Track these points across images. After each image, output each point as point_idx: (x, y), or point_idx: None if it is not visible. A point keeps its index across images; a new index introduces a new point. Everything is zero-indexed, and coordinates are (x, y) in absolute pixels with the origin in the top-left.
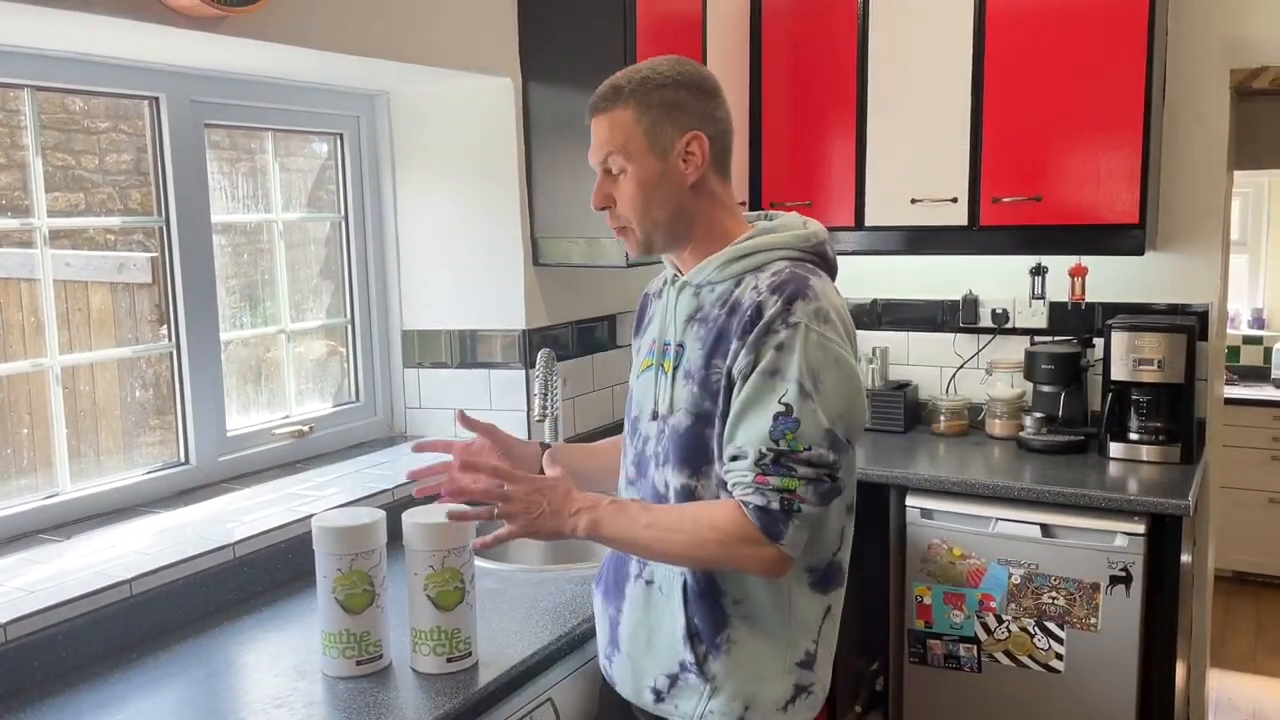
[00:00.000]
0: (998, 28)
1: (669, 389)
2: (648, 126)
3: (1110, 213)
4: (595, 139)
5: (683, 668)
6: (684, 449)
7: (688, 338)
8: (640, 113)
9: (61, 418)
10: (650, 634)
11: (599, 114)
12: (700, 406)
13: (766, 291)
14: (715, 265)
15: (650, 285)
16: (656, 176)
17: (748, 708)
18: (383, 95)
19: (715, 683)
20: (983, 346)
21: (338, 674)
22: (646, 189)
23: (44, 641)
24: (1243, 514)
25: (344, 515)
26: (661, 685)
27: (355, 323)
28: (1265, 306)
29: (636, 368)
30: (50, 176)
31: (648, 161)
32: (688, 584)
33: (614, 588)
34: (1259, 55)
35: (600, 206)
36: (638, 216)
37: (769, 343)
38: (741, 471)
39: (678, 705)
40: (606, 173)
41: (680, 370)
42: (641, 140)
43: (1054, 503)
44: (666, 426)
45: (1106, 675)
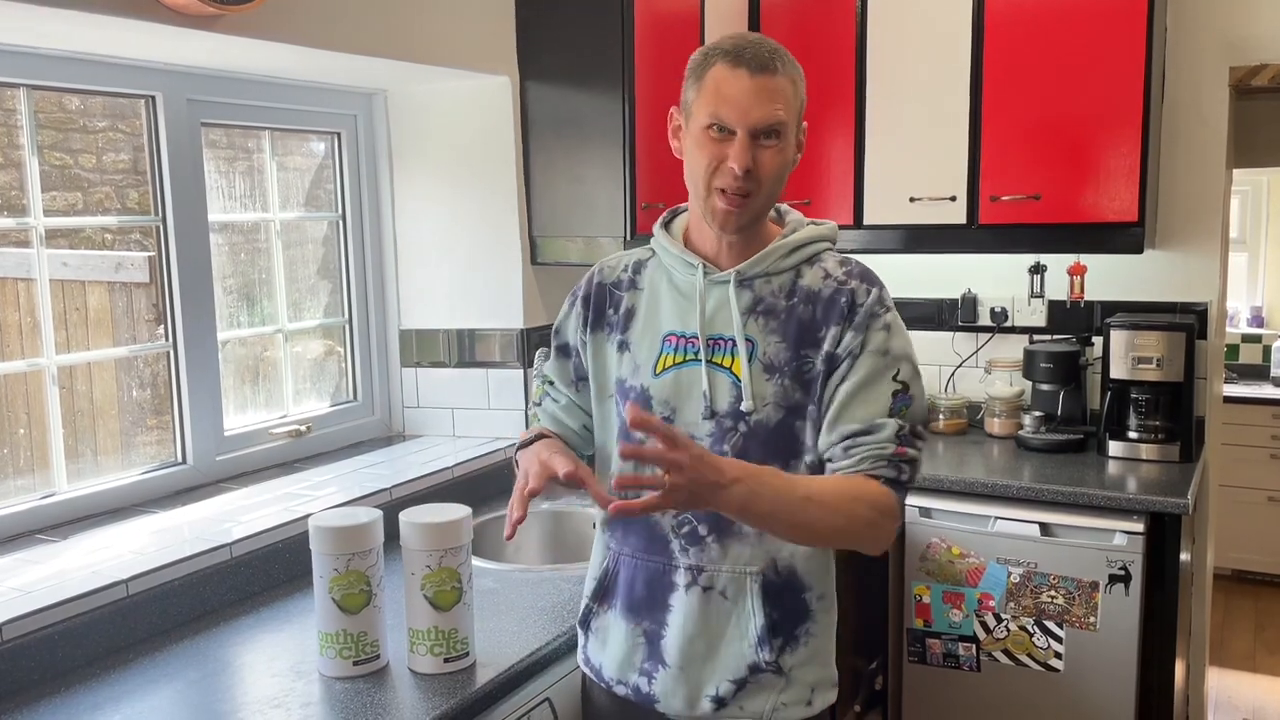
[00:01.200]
0: (997, 25)
1: (742, 385)
2: (799, 105)
3: (1109, 211)
4: (759, 98)
5: (753, 670)
6: (773, 444)
7: (753, 331)
8: (799, 87)
9: (58, 417)
10: (711, 642)
11: (768, 74)
12: (792, 399)
13: (852, 280)
14: (777, 256)
15: (600, 275)
16: (793, 153)
17: (814, 691)
18: (380, 94)
19: (790, 675)
20: (981, 345)
21: (335, 674)
22: (786, 163)
23: (41, 642)
24: (1242, 512)
25: (341, 515)
26: (725, 691)
27: (353, 322)
28: (1264, 305)
29: (643, 365)
30: (47, 176)
31: (792, 139)
32: (767, 581)
33: (649, 603)
34: (1258, 53)
35: (747, 168)
36: (769, 187)
37: (875, 324)
38: (880, 444)
39: (744, 706)
40: (754, 137)
41: (757, 364)
42: (795, 116)
43: (1053, 501)
44: (744, 423)
45: (1105, 674)
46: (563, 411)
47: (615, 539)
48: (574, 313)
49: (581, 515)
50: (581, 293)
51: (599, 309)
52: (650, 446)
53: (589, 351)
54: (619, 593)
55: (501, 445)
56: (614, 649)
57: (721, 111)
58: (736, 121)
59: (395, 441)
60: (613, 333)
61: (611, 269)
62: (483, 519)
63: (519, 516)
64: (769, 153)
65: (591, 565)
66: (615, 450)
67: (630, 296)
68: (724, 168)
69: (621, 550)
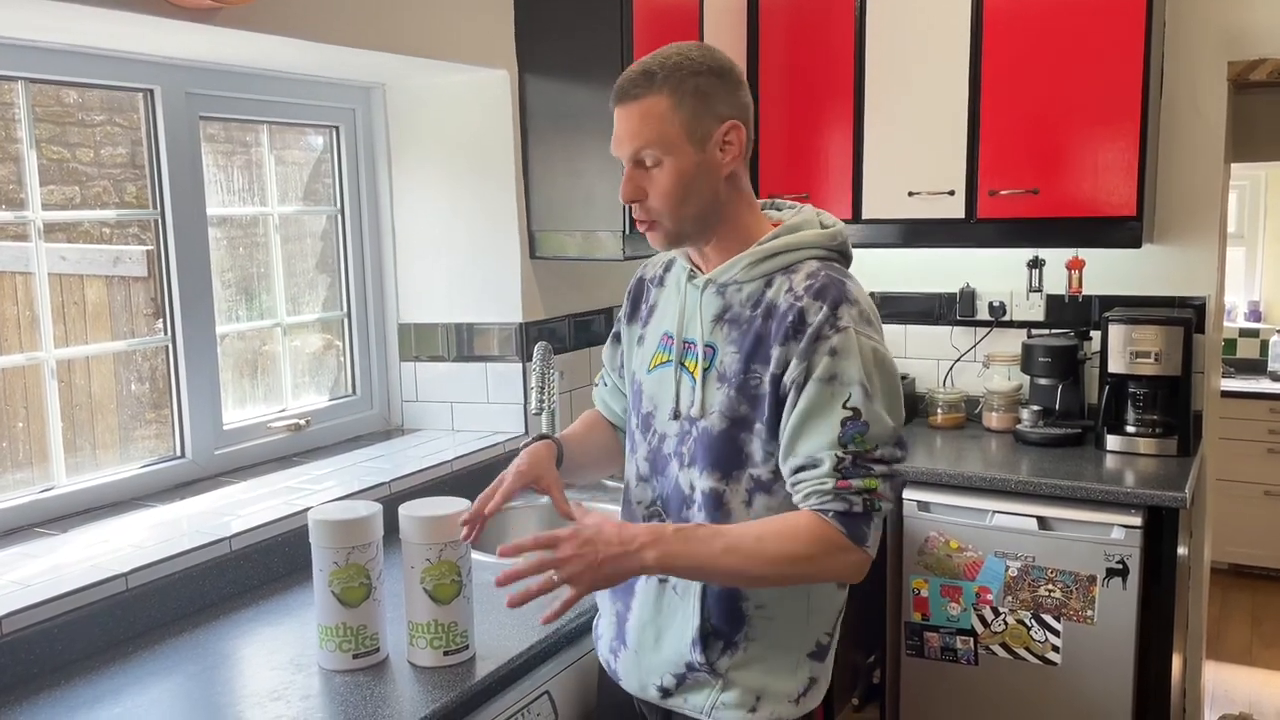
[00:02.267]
0: (995, 20)
1: (698, 391)
2: (686, 116)
3: (1107, 205)
4: (625, 129)
5: (690, 668)
6: (715, 453)
7: (718, 339)
8: (677, 100)
9: (57, 411)
10: (659, 632)
11: (630, 101)
12: (736, 411)
13: (807, 296)
14: (743, 265)
15: (645, 269)
16: (694, 168)
17: (759, 698)
18: (378, 88)
19: (727, 678)
20: (980, 339)
21: (334, 667)
22: (684, 181)
23: (39, 635)
24: (1239, 506)
25: (340, 508)
26: (669, 684)
27: (351, 316)
28: (1262, 299)
29: (645, 361)
30: (45, 170)
31: (686, 152)
32: (707, 586)
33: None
34: (1257, 47)
35: (632, 199)
36: (671, 210)
37: (820, 349)
38: (819, 479)
39: (686, 699)
40: (638, 165)
41: (713, 373)
42: (679, 130)
43: (1051, 495)
44: (695, 428)
45: (1103, 667)
46: (609, 395)
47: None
48: (624, 303)
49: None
50: (630, 285)
51: (635, 302)
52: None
53: (625, 341)
54: None
55: (500, 439)
56: (603, 625)
57: (612, 149)
58: (618, 154)
59: (394, 435)
60: (640, 326)
61: (653, 265)
62: None
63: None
64: (655, 175)
65: None
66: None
67: (657, 293)
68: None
69: None
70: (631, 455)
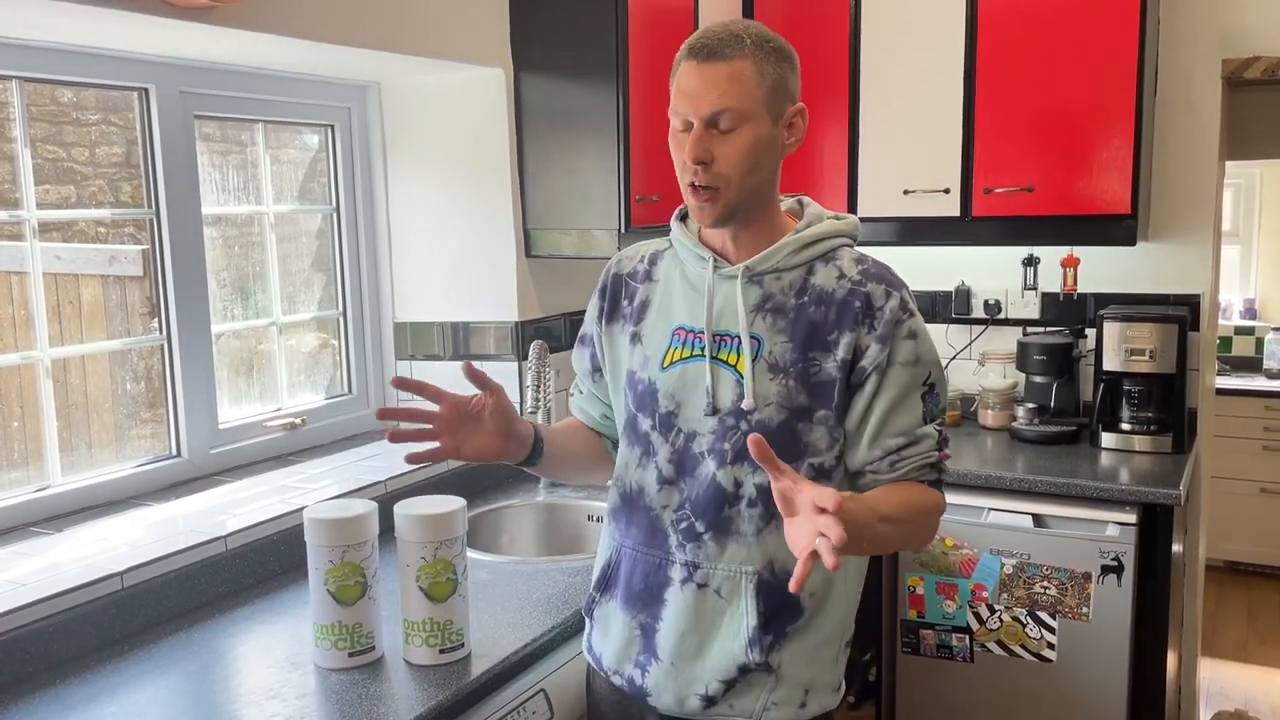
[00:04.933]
0: (990, 18)
1: (745, 383)
2: (770, 86)
3: (1102, 203)
4: (707, 86)
5: (743, 670)
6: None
7: (762, 329)
8: (764, 69)
9: (52, 410)
10: (702, 640)
11: (718, 60)
12: (796, 400)
13: (870, 282)
14: (787, 252)
15: (619, 266)
16: (767, 140)
17: (808, 692)
18: (374, 86)
19: (779, 672)
20: (975, 337)
21: (330, 665)
22: (757, 150)
23: (35, 634)
24: (1234, 504)
25: (336, 507)
26: (715, 691)
27: (347, 315)
28: (1257, 297)
29: (652, 359)
30: (40, 169)
31: (764, 122)
32: (762, 580)
33: (645, 596)
34: (1251, 45)
35: (701, 160)
36: (739, 178)
37: (900, 332)
38: (925, 454)
39: (733, 705)
40: (711, 126)
41: (762, 364)
42: (762, 98)
43: (1046, 493)
44: (744, 422)
45: (1098, 665)
46: (584, 401)
47: (619, 531)
48: (593, 304)
49: (576, 508)
50: (599, 284)
51: (614, 300)
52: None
53: (604, 343)
54: (619, 584)
55: None
56: (613, 639)
57: (680, 106)
58: (689, 112)
59: None
60: (626, 324)
61: (629, 260)
62: (478, 511)
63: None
64: (730, 141)
65: (597, 555)
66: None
67: (645, 288)
68: (687, 164)
69: (624, 542)
70: (645, 460)
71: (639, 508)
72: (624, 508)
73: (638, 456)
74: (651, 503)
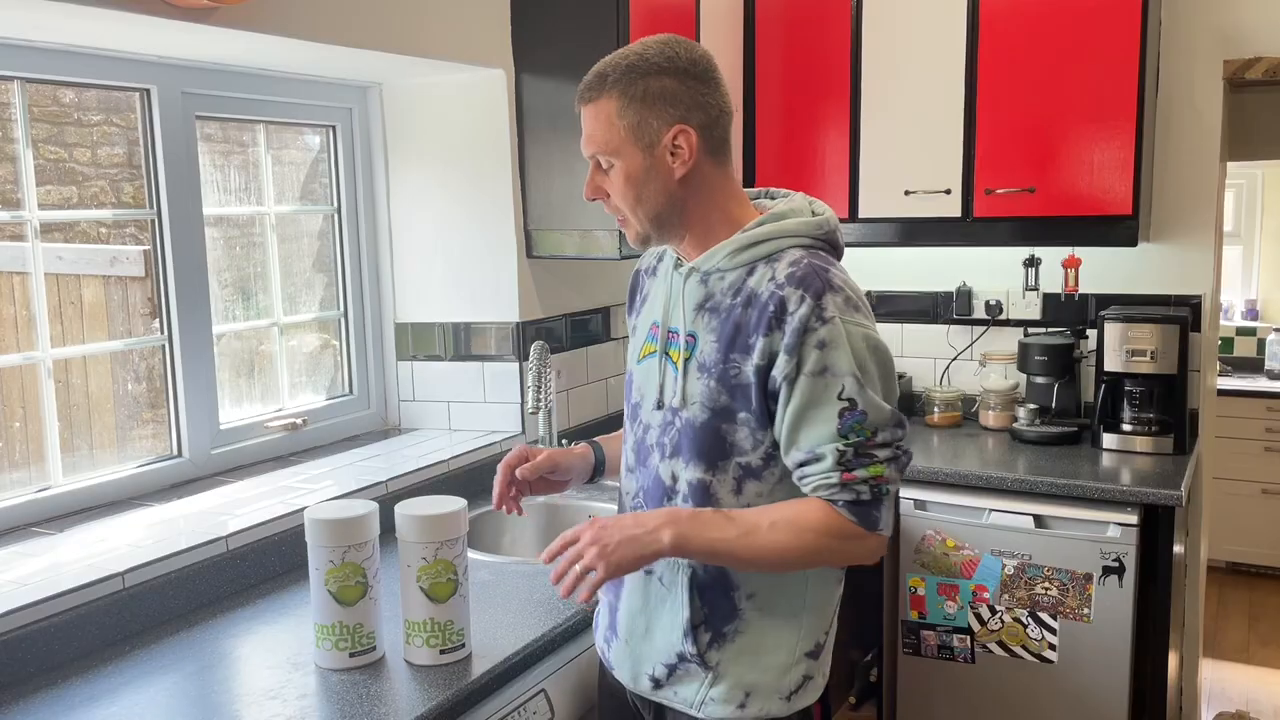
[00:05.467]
0: (991, 19)
1: (679, 380)
2: (631, 120)
3: (1104, 204)
4: (584, 130)
5: (681, 659)
6: (700, 443)
7: (699, 328)
8: (624, 104)
9: (54, 411)
10: (649, 623)
11: (584, 104)
12: (717, 401)
13: (789, 285)
14: (725, 253)
15: (642, 261)
16: (643, 171)
17: (749, 694)
18: (375, 87)
19: (717, 670)
20: (976, 338)
21: (331, 666)
22: (634, 183)
23: (36, 634)
24: (1236, 505)
25: (337, 507)
26: (660, 674)
27: (348, 315)
28: (1258, 298)
29: (635, 351)
30: (42, 170)
31: (634, 155)
32: (696, 576)
33: None
34: (1252, 46)
35: (591, 198)
36: (630, 209)
37: (809, 342)
38: (824, 474)
39: (677, 692)
40: (597, 165)
41: (694, 363)
42: (625, 134)
43: (1047, 493)
44: (678, 419)
45: (1099, 665)
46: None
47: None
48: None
49: (577, 508)
50: (631, 279)
51: (633, 295)
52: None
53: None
54: None
55: (497, 439)
56: (600, 615)
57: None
58: (585, 155)
59: (391, 435)
60: (634, 318)
61: (649, 257)
62: (478, 512)
63: (500, 493)
64: (611, 179)
65: None
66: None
67: (649, 283)
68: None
69: None
70: (624, 447)
71: (620, 491)
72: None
73: (623, 442)
74: (623, 487)
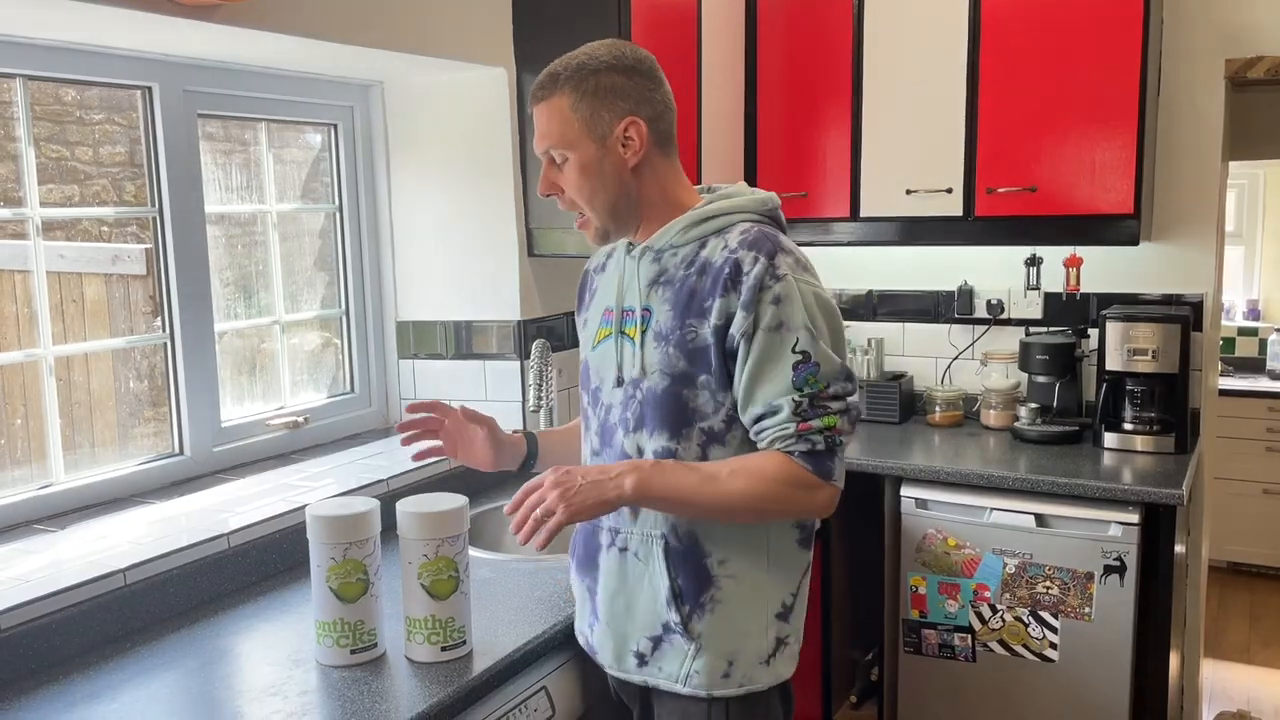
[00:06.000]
0: (993, 17)
1: (637, 353)
2: (585, 114)
3: (1105, 203)
4: (537, 128)
5: (666, 629)
6: (663, 411)
7: (654, 301)
8: (577, 99)
9: (55, 409)
10: (629, 600)
11: (538, 102)
12: (675, 367)
13: (741, 249)
14: (679, 228)
15: (591, 261)
16: (596, 163)
17: (731, 663)
18: (377, 85)
19: (700, 641)
20: (978, 337)
21: (332, 663)
22: (589, 175)
23: (38, 631)
24: (1238, 505)
25: (338, 505)
26: (644, 648)
27: (350, 314)
28: (1260, 298)
29: (589, 340)
30: (44, 168)
31: (587, 148)
32: (669, 546)
33: (586, 560)
34: (1254, 45)
35: (546, 193)
36: (585, 201)
37: (764, 299)
38: (780, 424)
39: (661, 668)
40: (551, 161)
41: (650, 333)
42: (579, 127)
43: (1048, 493)
44: (639, 391)
45: (1100, 665)
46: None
47: None
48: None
49: None
50: (580, 281)
51: (581, 295)
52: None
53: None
54: (575, 551)
55: None
56: (577, 607)
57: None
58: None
59: (392, 433)
60: (583, 313)
61: (597, 257)
62: (480, 509)
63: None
64: (565, 173)
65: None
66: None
67: (598, 279)
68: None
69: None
70: (586, 434)
71: None
72: None
73: (583, 432)
74: None
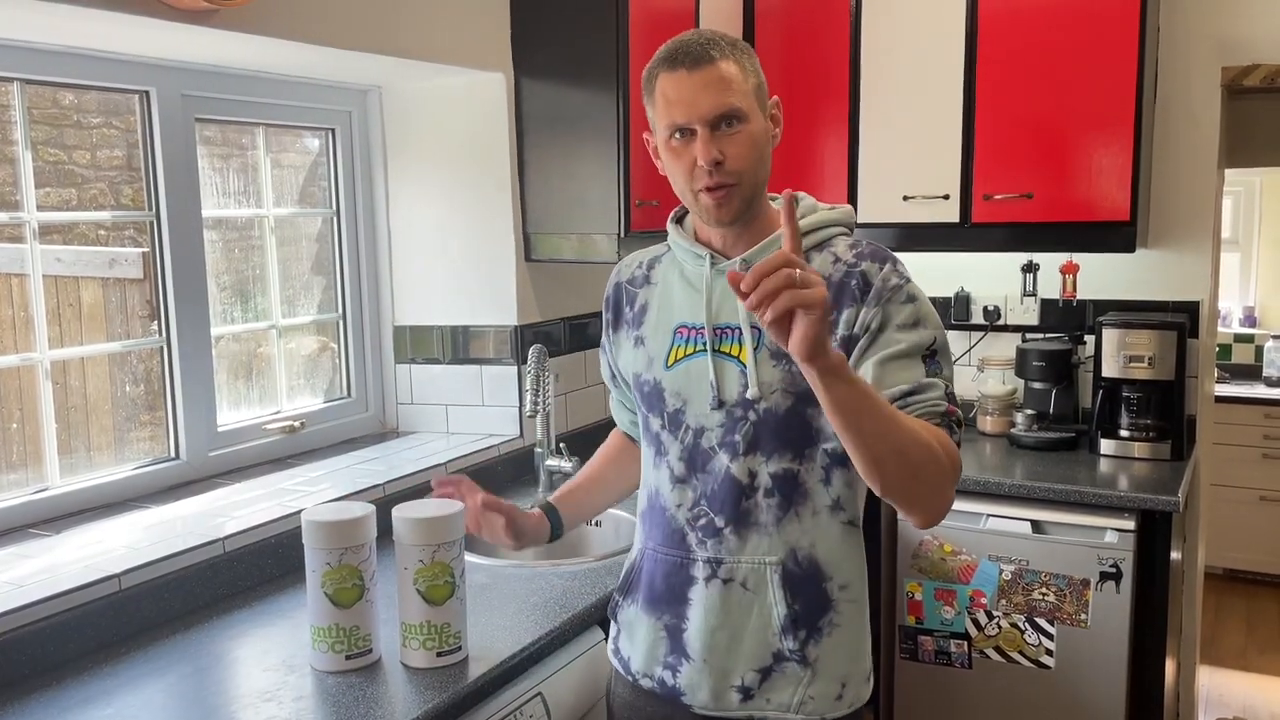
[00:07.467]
0: (990, 24)
1: (751, 373)
2: (755, 83)
3: (1102, 210)
4: (703, 91)
5: (778, 658)
6: (784, 433)
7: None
8: (746, 67)
9: (51, 412)
10: (733, 634)
11: (706, 64)
12: (801, 385)
13: (863, 261)
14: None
15: (619, 275)
16: (763, 133)
17: (844, 685)
18: (375, 90)
19: (815, 667)
20: (974, 343)
21: (327, 668)
22: (758, 144)
23: (32, 635)
24: (1234, 512)
25: (334, 510)
26: (751, 681)
27: (347, 318)
28: (1256, 305)
29: (654, 359)
30: (41, 172)
31: (758, 117)
32: (787, 571)
33: (667, 596)
34: (1250, 53)
35: (716, 161)
36: (750, 172)
37: (897, 297)
38: (934, 401)
39: (770, 699)
40: (714, 128)
41: (764, 351)
42: (752, 94)
43: (1045, 499)
44: (753, 412)
45: (1096, 672)
46: (615, 406)
47: (644, 534)
48: (603, 318)
49: None
50: (605, 296)
51: (617, 309)
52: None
53: (614, 351)
54: (641, 587)
55: (495, 442)
56: (640, 643)
57: (675, 116)
58: (691, 119)
59: (389, 438)
60: (630, 330)
61: (628, 267)
62: None
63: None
64: (734, 138)
65: (627, 558)
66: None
67: (645, 292)
68: (697, 169)
69: (647, 545)
70: (658, 460)
71: (657, 509)
72: (647, 510)
73: (653, 457)
74: (666, 503)
